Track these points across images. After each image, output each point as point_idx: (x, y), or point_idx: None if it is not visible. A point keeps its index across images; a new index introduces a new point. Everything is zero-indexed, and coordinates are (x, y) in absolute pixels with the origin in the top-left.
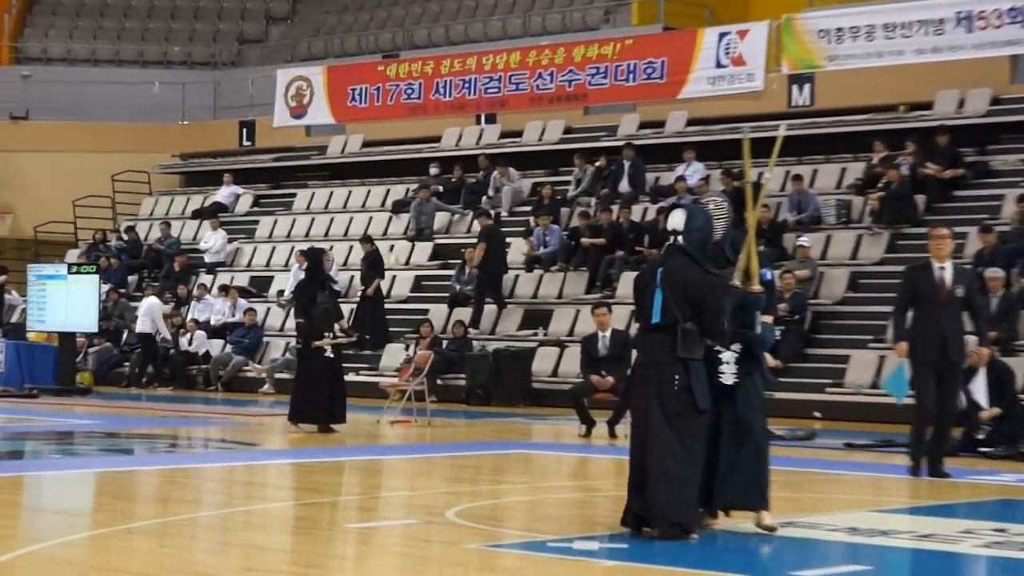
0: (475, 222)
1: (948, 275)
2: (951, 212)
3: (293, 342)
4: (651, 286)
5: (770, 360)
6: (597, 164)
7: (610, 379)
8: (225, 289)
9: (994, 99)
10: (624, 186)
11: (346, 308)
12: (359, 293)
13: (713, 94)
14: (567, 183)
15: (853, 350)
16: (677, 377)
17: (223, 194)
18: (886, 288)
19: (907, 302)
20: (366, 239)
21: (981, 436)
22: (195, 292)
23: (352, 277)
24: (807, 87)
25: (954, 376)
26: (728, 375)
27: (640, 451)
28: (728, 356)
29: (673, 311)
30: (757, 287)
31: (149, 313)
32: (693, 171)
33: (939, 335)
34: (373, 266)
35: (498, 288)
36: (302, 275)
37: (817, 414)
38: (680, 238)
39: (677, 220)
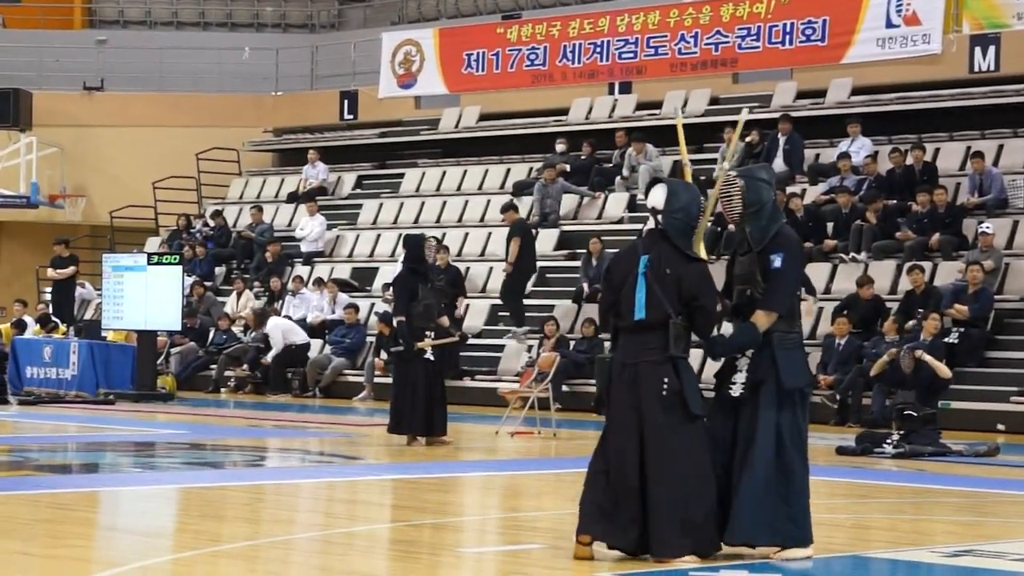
0: (503, 216)
1: None
2: None
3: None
4: (632, 277)
5: (940, 368)
6: (748, 139)
7: None
8: (322, 282)
9: None
10: (779, 164)
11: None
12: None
13: (882, 58)
14: (713, 161)
15: None
16: (667, 380)
17: (308, 175)
18: None
19: None
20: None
21: None
22: (290, 286)
23: (467, 268)
24: (992, 50)
25: None
26: (737, 386)
27: (625, 468)
28: (743, 363)
29: (662, 306)
30: None
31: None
32: (859, 147)
33: None
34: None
35: (520, 292)
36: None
37: (1001, 427)
38: (660, 219)
39: (657, 198)
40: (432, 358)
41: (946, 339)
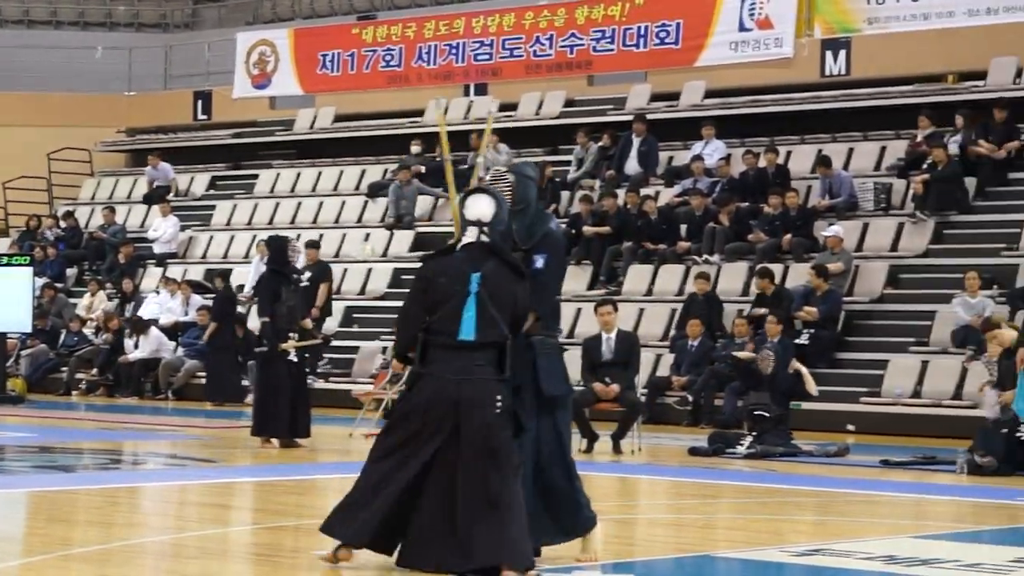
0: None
1: None
2: (1006, 197)
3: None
4: (461, 294)
5: (810, 382)
6: (601, 144)
7: (615, 387)
8: (175, 283)
9: None
10: (632, 166)
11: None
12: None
13: (736, 61)
14: (567, 163)
15: (892, 354)
16: (500, 398)
17: (152, 176)
18: (931, 283)
19: None
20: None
21: None
22: (142, 287)
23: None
24: (843, 54)
25: None
26: None
27: (424, 481)
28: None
29: (497, 325)
30: None
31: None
32: (712, 149)
33: None
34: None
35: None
36: (263, 267)
37: (850, 427)
38: (486, 232)
39: (483, 209)
40: (296, 359)
41: (796, 340)
